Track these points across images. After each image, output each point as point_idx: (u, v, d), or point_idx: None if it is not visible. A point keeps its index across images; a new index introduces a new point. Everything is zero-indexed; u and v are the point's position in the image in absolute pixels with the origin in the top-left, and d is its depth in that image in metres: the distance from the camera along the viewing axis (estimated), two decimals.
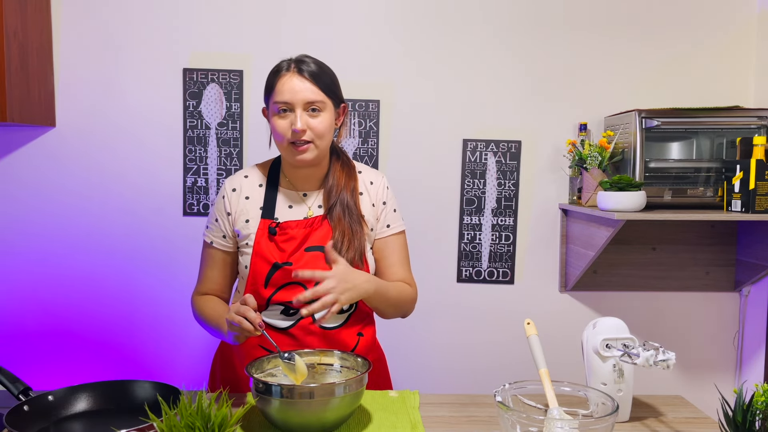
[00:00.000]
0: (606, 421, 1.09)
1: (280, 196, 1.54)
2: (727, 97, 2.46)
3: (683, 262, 2.51)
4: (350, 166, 1.59)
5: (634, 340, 1.30)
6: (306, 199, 1.55)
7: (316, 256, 1.47)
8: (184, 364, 2.45)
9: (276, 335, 1.49)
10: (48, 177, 2.36)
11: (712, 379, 2.56)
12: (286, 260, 1.46)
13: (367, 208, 1.56)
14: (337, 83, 1.52)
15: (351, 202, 1.52)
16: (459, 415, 1.37)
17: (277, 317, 1.50)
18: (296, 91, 1.43)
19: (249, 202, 1.53)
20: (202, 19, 2.35)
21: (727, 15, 2.45)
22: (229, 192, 1.54)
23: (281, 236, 1.48)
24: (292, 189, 1.55)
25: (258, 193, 1.54)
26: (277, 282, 1.47)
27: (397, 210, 1.60)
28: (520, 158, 2.46)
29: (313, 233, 1.49)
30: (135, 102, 2.36)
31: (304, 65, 1.46)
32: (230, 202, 1.53)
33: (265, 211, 1.51)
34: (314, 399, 1.17)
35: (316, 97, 1.44)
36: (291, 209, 1.53)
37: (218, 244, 1.56)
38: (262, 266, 1.47)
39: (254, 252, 1.48)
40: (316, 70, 1.46)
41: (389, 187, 1.61)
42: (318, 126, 1.45)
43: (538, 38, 2.43)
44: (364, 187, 1.58)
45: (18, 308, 2.40)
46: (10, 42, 2.04)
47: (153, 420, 1.02)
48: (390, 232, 1.58)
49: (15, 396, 1.21)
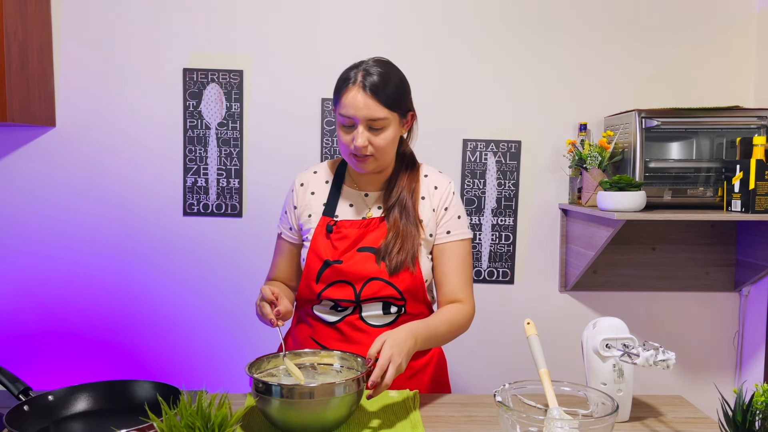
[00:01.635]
0: (606, 421, 1.09)
1: (342, 195, 1.56)
2: (727, 97, 2.46)
3: (683, 262, 2.51)
4: (415, 169, 1.57)
5: (634, 340, 1.30)
6: (367, 199, 1.56)
7: (367, 256, 1.48)
8: (184, 364, 2.45)
9: (324, 329, 1.53)
10: (48, 177, 2.36)
11: (712, 379, 2.56)
12: (337, 258, 1.49)
13: (427, 213, 1.53)
14: (403, 93, 1.48)
15: (409, 205, 1.50)
16: (459, 415, 1.37)
17: (326, 312, 1.53)
18: (359, 107, 1.41)
19: (314, 198, 1.57)
20: (202, 19, 2.35)
21: (727, 15, 2.45)
22: (297, 186, 1.59)
23: (336, 234, 1.50)
24: (355, 188, 1.57)
25: (323, 190, 1.57)
26: (328, 279, 1.50)
27: (462, 217, 1.56)
28: (520, 158, 2.46)
29: (368, 234, 1.50)
30: (135, 102, 2.36)
31: (369, 78, 1.41)
32: (297, 197, 1.58)
33: (327, 208, 1.54)
34: (314, 399, 1.16)
35: (379, 114, 1.41)
36: (351, 208, 1.55)
37: (286, 236, 1.62)
38: (315, 262, 1.50)
39: (310, 248, 1.52)
40: (381, 83, 1.41)
41: (455, 192, 1.57)
42: (380, 142, 1.44)
43: (538, 38, 2.43)
44: (427, 191, 1.55)
45: (18, 308, 2.40)
46: (10, 42, 2.04)
47: (153, 420, 1.01)
48: (449, 239, 1.53)
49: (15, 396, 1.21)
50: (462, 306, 1.53)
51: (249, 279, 2.44)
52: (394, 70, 1.47)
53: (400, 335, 1.31)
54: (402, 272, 1.47)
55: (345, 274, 1.48)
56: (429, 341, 1.42)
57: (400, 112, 1.47)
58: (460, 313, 1.51)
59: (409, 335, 1.32)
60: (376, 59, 1.48)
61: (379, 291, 1.48)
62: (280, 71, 2.39)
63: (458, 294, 1.53)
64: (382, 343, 1.27)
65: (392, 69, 1.47)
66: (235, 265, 2.43)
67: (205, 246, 2.42)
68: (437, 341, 1.48)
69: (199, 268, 2.43)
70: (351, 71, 1.45)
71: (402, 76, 1.48)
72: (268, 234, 2.43)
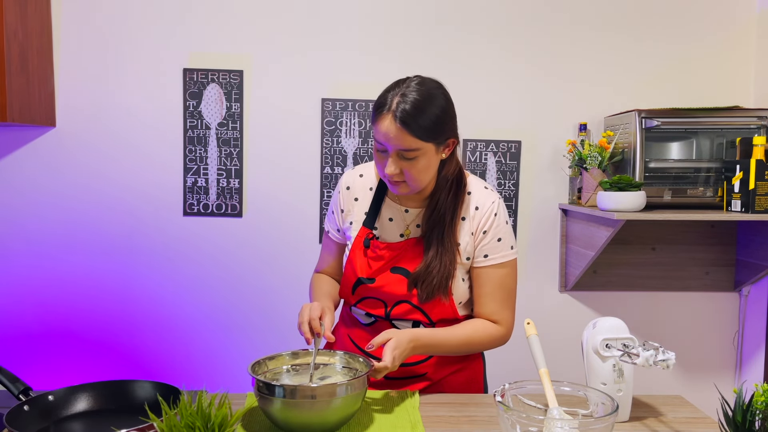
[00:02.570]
0: (606, 421, 1.09)
1: (384, 207, 1.53)
2: (727, 97, 2.46)
3: (683, 262, 2.51)
4: (460, 187, 1.49)
5: (634, 340, 1.30)
6: (407, 215, 1.52)
7: (399, 279, 1.47)
8: (184, 364, 2.45)
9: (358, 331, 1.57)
10: (48, 177, 2.36)
11: (712, 379, 2.56)
12: (370, 275, 1.49)
13: (466, 237, 1.48)
14: (441, 122, 1.38)
15: (448, 231, 1.45)
16: (459, 415, 1.37)
17: (361, 316, 1.55)
18: (390, 137, 1.35)
19: (357, 204, 1.55)
20: (202, 19, 2.35)
21: (727, 15, 2.45)
22: (343, 189, 1.57)
23: (372, 252, 1.50)
24: (397, 202, 1.53)
25: (367, 197, 1.55)
26: (361, 294, 1.52)
27: (503, 239, 1.48)
28: (520, 158, 2.46)
29: (404, 254, 1.48)
30: (135, 102, 2.36)
31: (401, 106, 1.33)
32: (343, 200, 1.57)
33: (368, 219, 1.53)
34: (316, 399, 1.17)
35: (410, 145, 1.35)
36: (391, 222, 1.52)
37: (332, 235, 1.63)
38: (350, 275, 1.52)
39: (348, 258, 1.53)
40: (414, 113, 1.33)
41: (498, 213, 1.48)
42: (411, 170, 1.38)
43: (538, 38, 2.43)
44: (468, 212, 1.49)
45: (18, 308, 2.40)
46: (10, 42, 2.04)
47: (153, 420, 1.01)
48: (486, 263, 1.48)
49: (15, 396, 1.21)
50: (493, 326, 1.50)
51: (249, 279, 2.44)
52: (434, 97, 1.37)
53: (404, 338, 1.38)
54: (434, 301, 1.46)
55: (376, 292, 1.49)
56: (429, 350, 1.46)
57: (435, 142, 1.39)
58: (487, 331, 1.50)
59: (412, 339, 1.39)
60: (420, 81, 1.39)
61: (408, 314, 1.49)
62: (280, 71, 2.39)
63: (494, 317, 1.51)
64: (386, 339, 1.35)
65: (432, 95, 1.37)
66: (235, 265, 2.43)
67: (205, 246, 2.42)
68: (443, 351, 1.49)
69: (199, 268, 2.43)
70: (389, 93, 1.38)
71: (441, 103, 1.38)
72: (268, 234, 2.43)
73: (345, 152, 2.42)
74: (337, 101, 2.40)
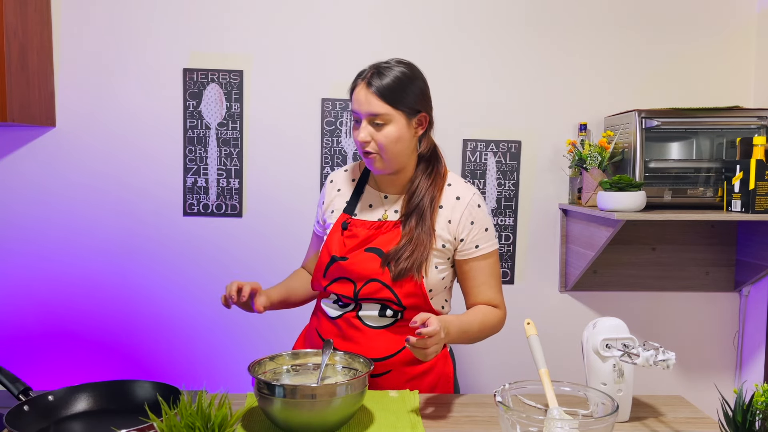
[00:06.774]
0: (606, 421, 1.09)
1: (364, 195, 1.61)
2: (727, 97, 2.46)
3: (683, 262, 2.51)
4: (439, 176, 1.55)
5: (634, 340, 1.30)
6: (386, 201, 1.58)
7: (371, 257, 1.49)
8: (184, 364, 2.45)
9: (326, 323, 1.57)
10: (48, 177, 2.36)
11: (712, 379, 2.56)
12: (344, 255, 1.51)
13: (442, 224, 1.52)
14: (413, 93, 1.48)
15: (427, 215, 1.50)
16: (459, 415, 1.37)
17: (330, 306, 1.57)
18: (361, 103, 1.47)
19: (339, 195, 1.63)
20: (202, 19, 2.35)
21: (727, 15, 2.45)
22: (328, 183, 1.67)
23: (348, 233, 1.53)
24: (377, 189, 1.60)
25: (348, 188, 1.63)
26: (333, 274, 1.54)
27: (489, 229, 1.55)
28: (520, 158, 2.46)
29: (379, 236, 1.52)
30: (135, 102, 2.36)
31: (375, 77, 1.46)
32: (326, 193, 1.65)
33: (348, 206, 1.59)
34: (316, 399, 1.17)
35: (379, 110, 1.45)
36: (370, 208, 1.58)
37: (316, 229, 1.71)
38: (324, 257, 1.55)
39: (324, 242, 1.57)
40: (387, 83, 1.45)
41: (481, 205, 1.55)
42: (381, 139, 1.46)
43: (539, 38, 2.43)
44: (447, 201, 1.54)
45: (18, 308, 2.40)
46: (10, 42, 2.04)
47: (153, 420, 1.02)
48: (478, 253, 1.53)
49: (15, 396, 1.21)
50: (495, 310, 1.57)
51: (249, 279, 2.42)
52: (406, 70, 1.48)
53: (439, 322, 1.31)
54: (405, 280, 1.47)
55: (347, 271, 1.50)
56: (461, 337, 1.46)
57: (405, 111, 1.47)
58: (493, 314, 1.56)
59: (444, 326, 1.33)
60: (397, 60, 1.51)
61: (377, 292, 1.48)
62: (280, 71, 2.39)
63: (494, 302, 1.58)
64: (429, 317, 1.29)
65: (404, 68, 1.48)
66: (235, 265, 2.43)
67: (205, 246, 2.42)
68: (468, 339, 1.50)
69: (199, 268, 2.43)
70: (365, 69, 1.50)
71: (408, 73, 1.48)
72: (268, 234, 2.43)
73: (345, 152, 2.42)
74: (337, 101, 2.40)
